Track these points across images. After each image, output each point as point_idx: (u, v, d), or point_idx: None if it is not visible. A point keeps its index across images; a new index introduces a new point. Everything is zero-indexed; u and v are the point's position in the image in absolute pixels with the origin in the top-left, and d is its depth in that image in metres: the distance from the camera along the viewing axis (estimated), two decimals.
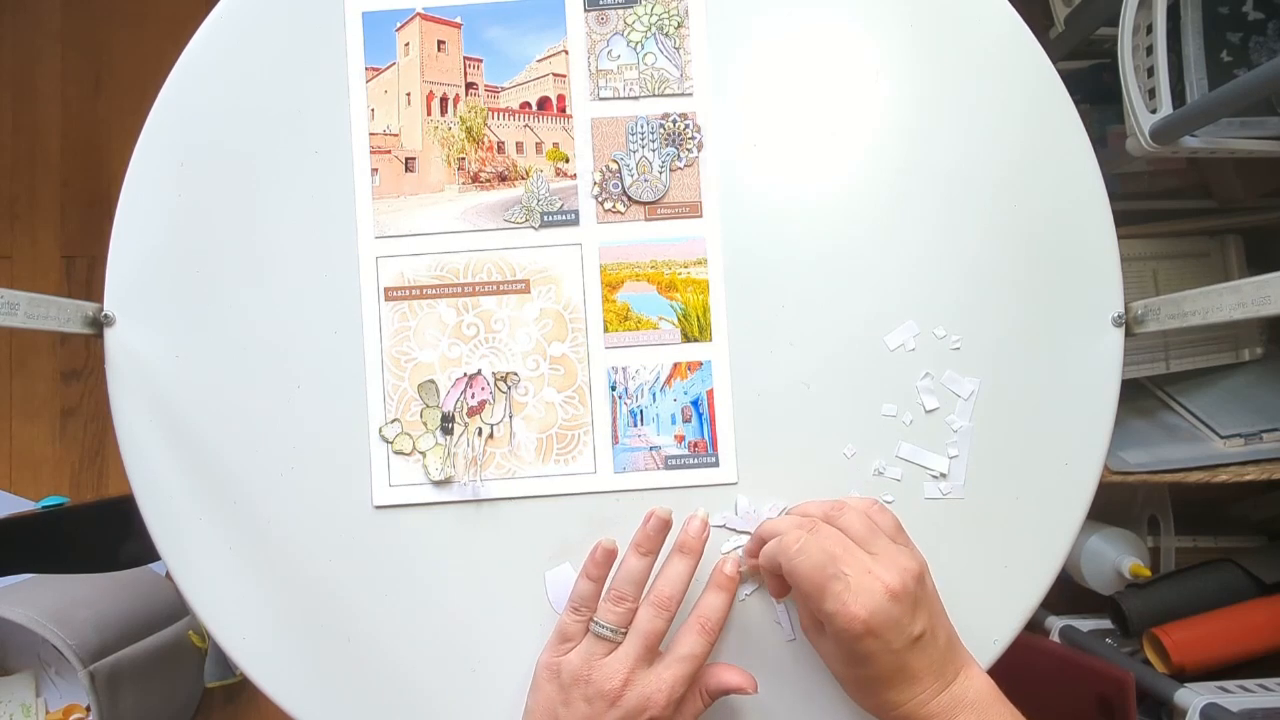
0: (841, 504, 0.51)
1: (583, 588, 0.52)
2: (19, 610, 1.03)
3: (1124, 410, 0.58)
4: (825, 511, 0.51)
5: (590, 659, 0.50)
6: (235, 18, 0.59)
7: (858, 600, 0.46)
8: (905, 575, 0.47)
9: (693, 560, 0.52)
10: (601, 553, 0.52)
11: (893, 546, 0.49)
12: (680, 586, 0.51)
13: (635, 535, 0.52)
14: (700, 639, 0.51)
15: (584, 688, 0.49)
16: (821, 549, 0.48)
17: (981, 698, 0.48)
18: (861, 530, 0.49)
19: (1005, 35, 0.59)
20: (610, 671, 0.49)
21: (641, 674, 0.50)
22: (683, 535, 0.53)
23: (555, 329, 0.58)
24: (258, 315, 0.57)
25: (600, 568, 0.52)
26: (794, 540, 0.48)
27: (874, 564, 0.48)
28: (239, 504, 0.56)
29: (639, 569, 0.51)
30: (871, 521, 0.50)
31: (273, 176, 0.58)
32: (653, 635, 0.50)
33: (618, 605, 0.51)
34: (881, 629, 0.46)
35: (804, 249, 0.58)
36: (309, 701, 0.55)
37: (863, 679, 0.49)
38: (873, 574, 0.47)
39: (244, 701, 1.28)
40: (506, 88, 0.59)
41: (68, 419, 1.34)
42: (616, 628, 0.50)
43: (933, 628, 0.48)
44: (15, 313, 0.51)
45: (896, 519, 0.52)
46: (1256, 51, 0.87)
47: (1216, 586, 1.00)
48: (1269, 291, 0.49)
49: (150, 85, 0.58)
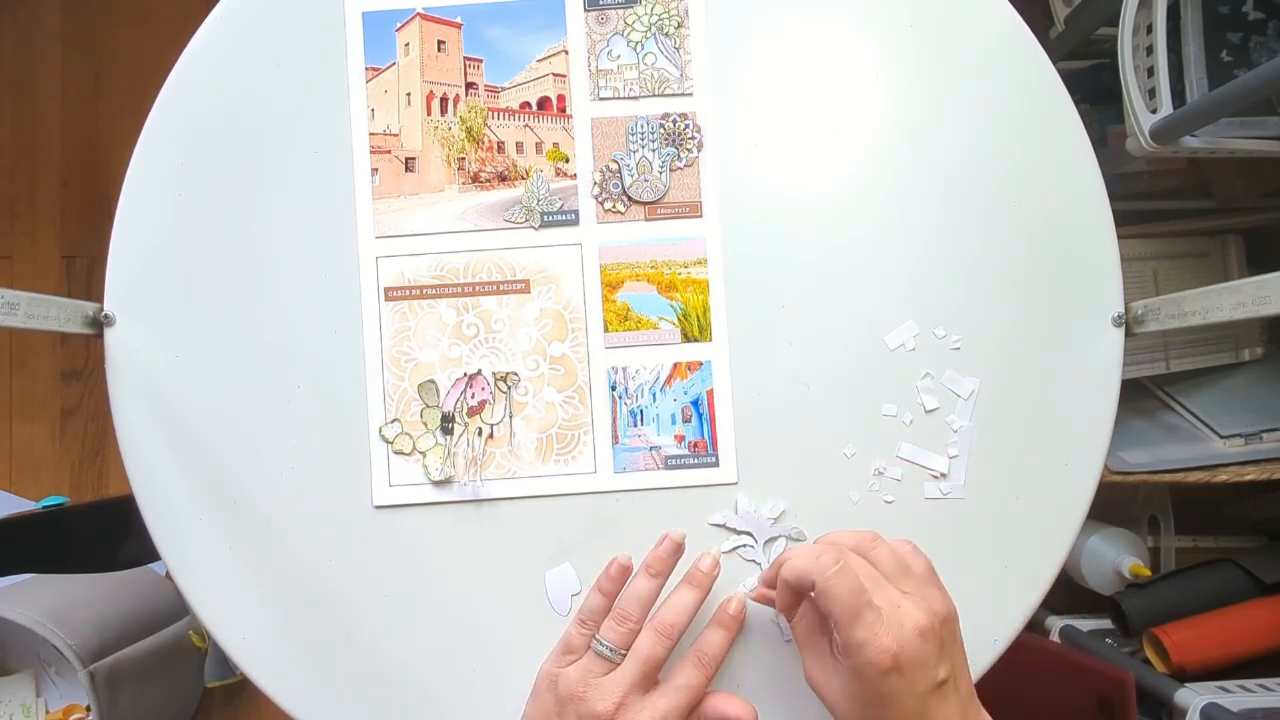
0: (875, 536, 0.50)
1: (593, 601, 0.52)
2: (19, 610, 1.03)
3: (1124, 410, 0.58)
4: (857, 542, 0.50)
5: (587, 676, 0.50)
6: (235, 18, 0.59)
7: (889, 633, 0.45)
8: (934, 617, 0.46)
9: (700, 594, 0.52)
10: (616, 568, 0.52)
11: (925, 587, 0.48)
12: (685, 616, 0.51)
13: (647, 556, 0.53)
14: (697, 672, 0.51)
15: (578, 705, 0.49)
16: (857, 576, 0.46)
17: None
18: (893, 566, 0.48)
19: (1005, 35, 0.59)
20: (604, 692, 0.49)
21: (635, 700, 0.49)
22: (693, 569, 0.53)
23: (555, 329, 0.58)
24: (258, 315, 0.57)
25: (614, 583, 0.52)
26: (833, 560, 0.46)
27: (904, 601, 0.46)
28: (239, 504, 0.56)
29: (647, 591, 0.51)
30: (903, 560, 0.49)
31: (273, 176, 0.58)
32: (652, 661, 0.50)
33: (621, 625, 0.50)
34: (908, 666, 0.45)
35: (804, 249, 0.58)
36: (309, 701, 0.55)
37: None
38: (902, 609, 0.46)
39: (244, 701, 1.28)
40: (506, 88, 0.59)
41: (68, 419, 1.34)
42: (617, 648, 0.50)
43: (956, 676, 0.47)
44: (15, 313, 0.51)
45: (929, 562, 0.50)
46: (1256, 51, 0.87)
47: (1216, 586, 1.00)
48: (1269, 291, 0.49)
49: (150, 85, 0.58)
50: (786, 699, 0.55)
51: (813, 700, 0.55)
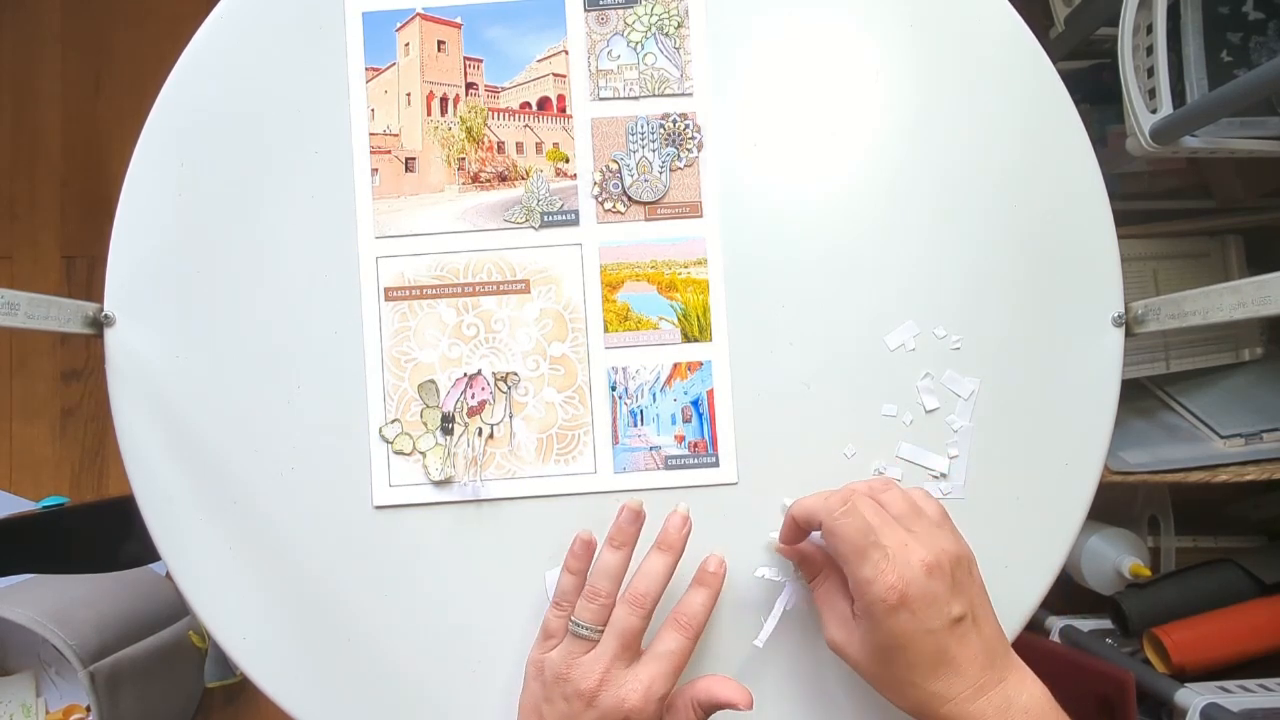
0: (888, 481, 0.51)
1: (564, 582, 0.52)
2: (19, 610, 1.03)
3: (1124, 410, 0.58)
4: (870, 486, 0.51)
5: (569, 658, 0.50)
6: (235, 18, 0.59)
7: (895, 570, 0.45)
8: (942, 554, 0.46)
9: (672, 557, 0.52)
10: (580, 545, 0.52)
11: (935, 528, 0.49)
12: (657, 583, 0.51)
13: (610, 529, 0.52)
14: (679, 636, 0.50)
15: (563, 686, 0.49)
16: (865, 517, 0.47)
17: (1036, 706, 0.46)
18: (903, 508, 0.49)
19: (1005, 35, 0.59)
20: (586, 670, 0.49)
21: (618, 673, 0.49)
22: (663, 531, 0.52)
23: (555, 329, 0.58)
24: (258, 315, 0.57)
25: (580, 560, 0.52)
26: (841, 500, 0.48)
27: (911, 540, 0.47)
28: (239, 504, 0.56)
29: (614, 564, 0.51)
30: (914, 503, 0.50)
31: (273, 176, 0.58)
32: (629, 634, 0.50)
33: (592, 602, 0.50)
34: (916, 603, 0.45)
35: (804, 249, 0.58)
36: (309, 701, 0.55)
37: (901, 668, 0.46)
38: (909, 548, 0.46)
39: (244, 701, 1.28)
40: (506, 88, 0.59)
41: (68, 419, 1.34)
42: (593, 625, 0.50)
43: (975, 616, 0.47)
44: (15, 313, 0.51)
45: (942, 508, 0.51)
46: (1256, 51, 0.86)
47: (1216, 586, 1.00)
48: (1269, 291, 0.49)
49: (150, 85, 0.58)
50: (784, 681, 0.56)
51: (812, 683, 0.55)
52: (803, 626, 0.56)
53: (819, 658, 0.55)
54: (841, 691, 0.55)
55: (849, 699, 0.55)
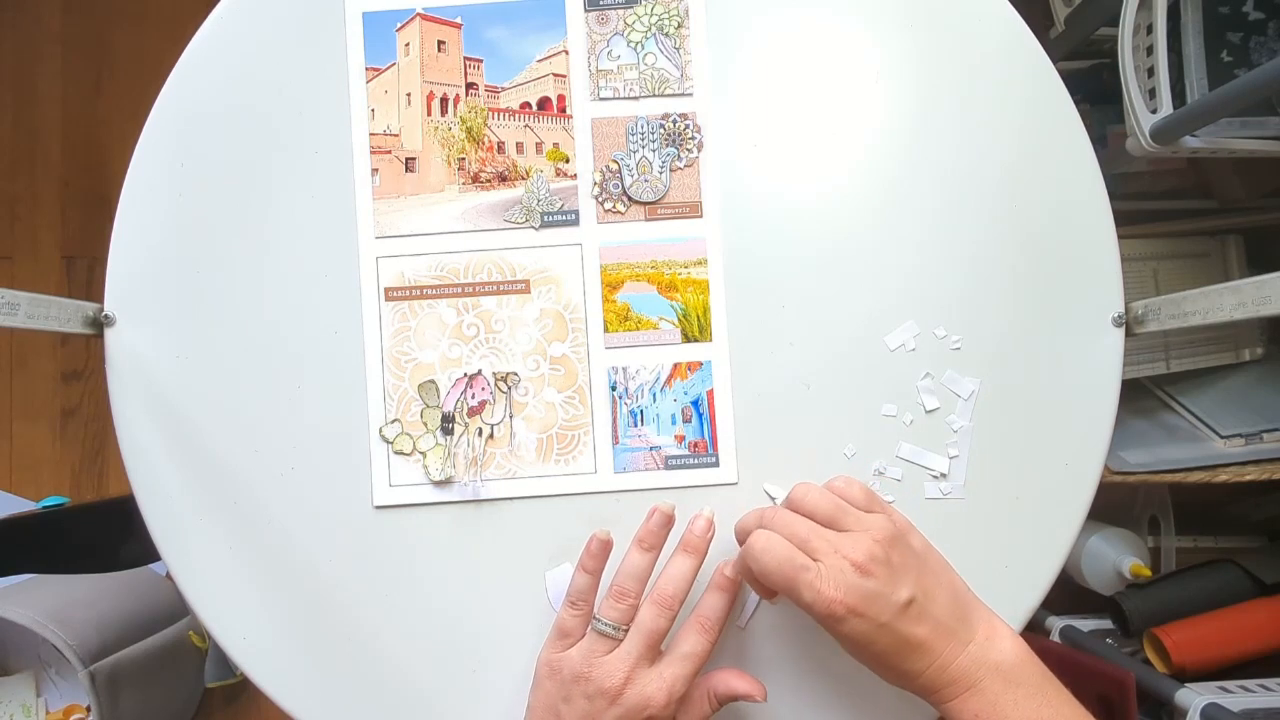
0: (807, 487, 0.50)
1: (580, 581, 0.52)
2: (19, 610, 1.03)
3: (1124, 410, 0.58)
4: (790, 497, 0.51)
5: (591, 656, 0.50)
6: (235, 18, 0.59)
7: (830, 584, 0.45)
8: (873, 546, 0.46)
9: (696, 559, 0.52)
10: (597, 545, 0.52)
11: (864, 518, 0.48)
12: (683, 585, 0.51)
13: (639, 530, 0.52)
14: (701, 638, 0.51)
15: (584, 685, 0.49)
16: (784, 543, 0.47)
17: (1009, 659, 0.46)
18: (828, 509, 0.49)
19: (1005, 35, 0.59)
20: (611, 669, 0.49)
21: (642, 672, 0.49)
22: (687, 534, 0.53)
23: (555, 329, 0.58)
24: (258, 315, 0.57)
25: (596, 560, 0.52)
26: (757, 540, 0.48)
27: (842, 542, 0.47)
28: (239, 504, 0.56)
29: (642, 565, 0.51)
30: (836, 498, 0.49)
31: (273, 176, 0.58)
32: (655, 634, 0.50)
33: (620, 602, 0.50)
34: (861, 606, 0.45)
35: (804, 249, 0.58)
36: (309, 701, 0.55)
37: (873, 658, 0.47)
38: (840, 551, 0.46)
39: (244, 701, 1.28)
40: (507, 88, 0.59)
41: (68, 419, 1.34)
42: (618, 625, 0.50)
43: (925, 590, 0.47)
44: (15, 313, 0.51)
45: (865, 487, 0.51)
46: (1257, 51, 0.86)
47: (1217, 586, 1.00)
48: (1269, 291, 0.49)
49: (150, 85, 0.58)
50: (795, 675, 0.56)
51: (822, 678, 0.55)
52: (804, 616, 0.56)
53: (826, 644, 0.55)
54: (847, 673, 0.55)
55: (853, 684, 0.55)
